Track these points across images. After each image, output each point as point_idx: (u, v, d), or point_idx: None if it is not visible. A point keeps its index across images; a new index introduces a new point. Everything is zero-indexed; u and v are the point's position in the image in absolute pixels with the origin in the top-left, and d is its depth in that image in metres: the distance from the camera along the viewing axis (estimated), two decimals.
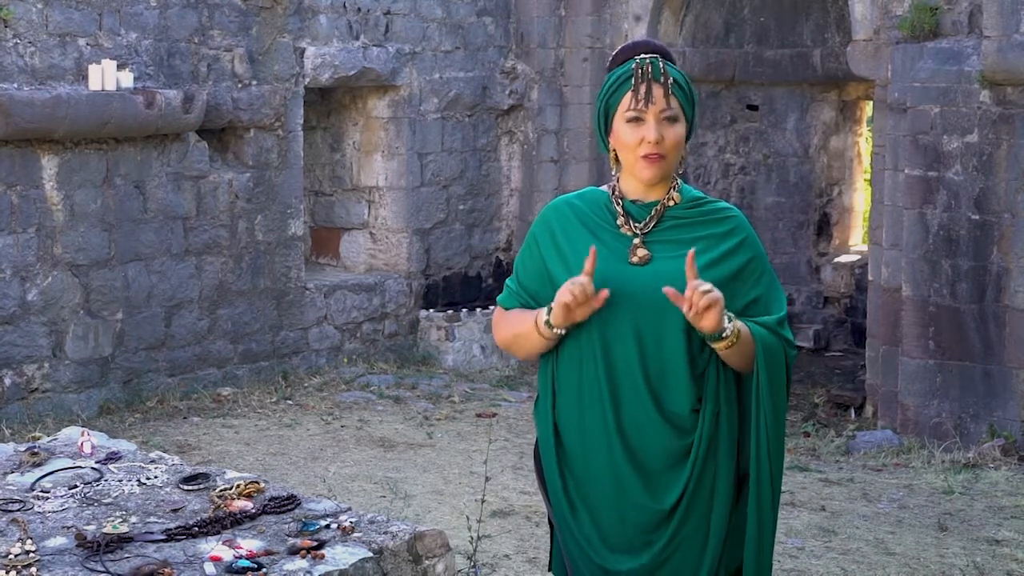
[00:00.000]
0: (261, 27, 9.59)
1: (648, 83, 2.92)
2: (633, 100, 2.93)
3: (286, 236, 9.89)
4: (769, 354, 2.92)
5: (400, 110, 10.69)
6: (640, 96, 2.92)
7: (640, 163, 2.95)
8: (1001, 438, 8.19)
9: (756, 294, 3.00)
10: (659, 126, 2.92)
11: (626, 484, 2.96)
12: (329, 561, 2.69)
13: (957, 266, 8.45)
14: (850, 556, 6.10)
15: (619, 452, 2.95)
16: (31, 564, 2.63)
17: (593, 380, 2.97)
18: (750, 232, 3.03)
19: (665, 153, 2.94)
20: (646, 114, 2.92)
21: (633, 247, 2.97)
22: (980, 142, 8.33)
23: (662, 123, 2.92)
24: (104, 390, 8.76)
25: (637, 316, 2.93)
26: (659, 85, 2.92)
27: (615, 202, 3.03)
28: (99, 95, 8.36)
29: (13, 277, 8.30)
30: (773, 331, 2.95)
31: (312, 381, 9.79)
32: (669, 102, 2.92)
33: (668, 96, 2.92)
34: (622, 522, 2.98)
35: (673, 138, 2.94)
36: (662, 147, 2.93)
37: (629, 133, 2.94)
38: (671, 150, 2.94)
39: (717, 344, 2.88)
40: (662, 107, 2.92)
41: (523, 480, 7.21)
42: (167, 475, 3.25)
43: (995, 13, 8.21)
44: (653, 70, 2.93)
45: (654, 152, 2.93)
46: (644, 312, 2.93)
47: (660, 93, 2.92)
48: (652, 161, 2.94)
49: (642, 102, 2.92)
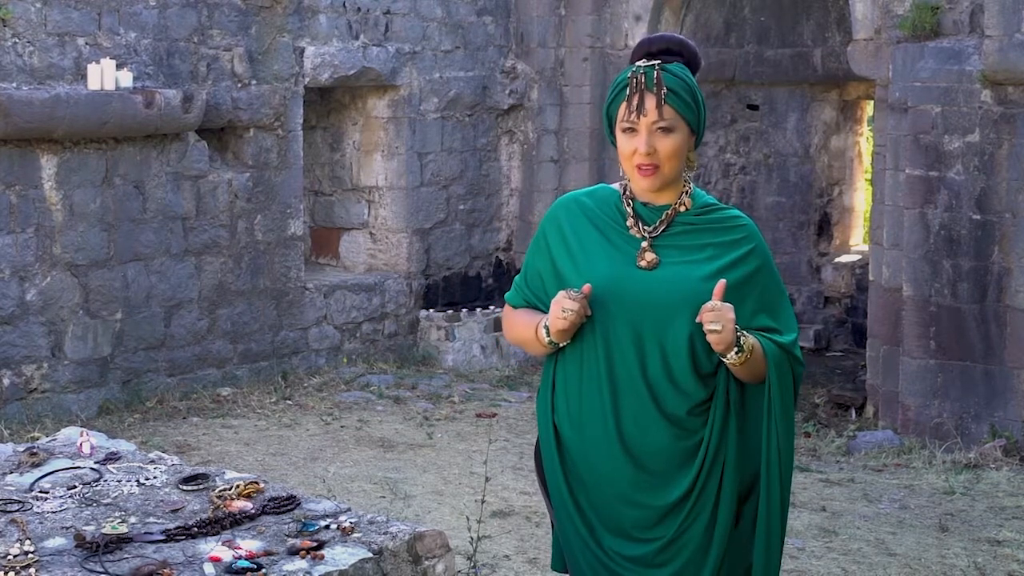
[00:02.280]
0: (261, 27, 9.58)
1: (641, 94, 2.90)
2: (626, 111, 2.92)
3: (286, 236, 9.88)
4: (780, 368, 2.94)
5: (400, 110, 10.68)
6: (632, 107, 2.91)
7: (635, 173, 2.95)
8: (1002, 438, 8.18)
9: (764, 303, 3.00)
10: (651, 137, 2.90)
11: (622, 481, 2.97)
12: (329, 561, 2.68)
13: (958, 266, 8.44)
14: (851, 556, 6.09)
15: (617, 450, 2.96)
16: (30, 565, 2.62)
17: (594, 380, 2.98)
18: (760, 242, 3.02)
19: (659, 163, 2.92)
20: (638, 125, 2.91)
21: (642, 251, 2.97)
22: (981, 142, 8.32)
23: (654, 134, 2.90)
24: (103, 390, 8.75)
25: (642, 319, 2.93)
26: (652, 95, 2.90)
27: (625, 203, 3.02)
28: (98, 95, 8.35)
29: (12, 277, 8.29)
30: (783, 348, 2.96)
31: (312, 381, 9.78)
32: (662, 113, 2.89)
33: (661, 107, 2.89)
34: (620, 516, 2.98)
35: (667, 149, 2.91)
36: (655, 158, 2.91)
37: (624, 143, 2.95)
38: (665, 160, 2.92)
39: (728, 361, 2.89)
40: (654, 118, 2.90)
41: (523, 480, 7.20)
42: (166, 475, 3.25)
43: (996, 12, 8.20)
44: (647, 80, 2.90)
45: (646, 163, 2.92)
46: (649, 315, 2.92)
47: (652, 104, 2.89)
48: (645, 173, 2.93)
49: (634, 113, 2.91)
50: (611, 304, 2.92)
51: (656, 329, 2.92)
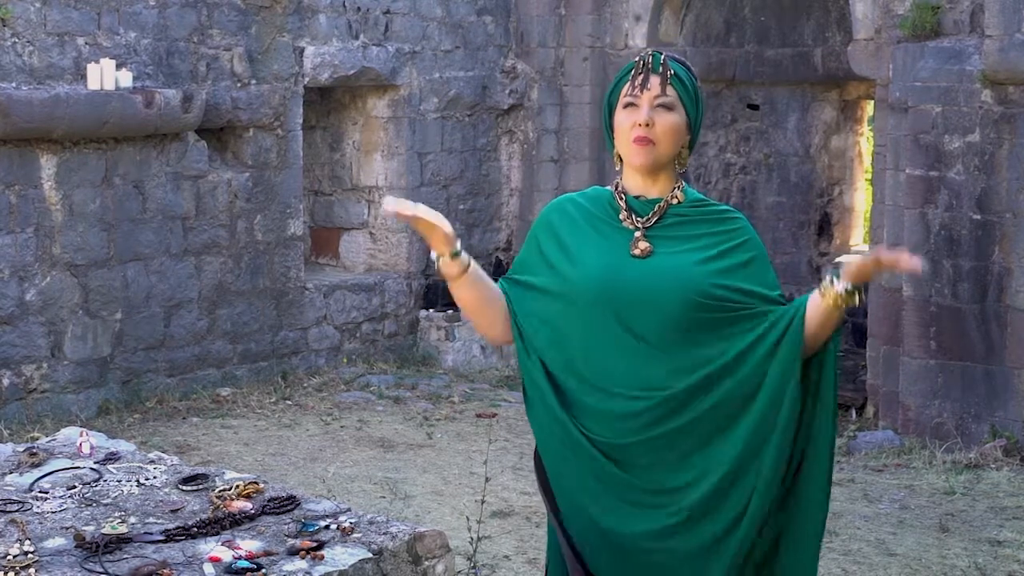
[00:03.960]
0: (260, 26, 9.58)
1: (646, 72, 2.96)
2: (630, 87, 2.96)
3: (285, 236, 9.88)
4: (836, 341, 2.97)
5: (400, 110, 10.68)
6: (636, 83, 2.95)
7: (631, 148, 2.96)
8: (1003, 438, 8.18)
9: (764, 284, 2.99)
10: (651, 111, 2.93)
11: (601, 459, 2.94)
12: (329, 562, 2.68)
13: (958, 266, 8.44)
14: (851, 557, 6.09)
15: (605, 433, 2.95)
16: (30, 565, 2.62)
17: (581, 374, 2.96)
18: (753, 235, 3.03)
19: (656, 140, 2.94)
20: (640, 99, 2.94)
21: (635, 240, 2.97)
22: (981, 142, 8.32)
23: (655, 109, 2.94)
24: (103, 390, 8.75)
25: (638, 306, 2.92)
26: (657, 75, 2.95)
27: (618, 197, 3.03)
28: (98, 95, 8.35)
29: (11, 277, 8.28)
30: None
31: (311, 381, 9.78)
32: (665, 90, 2.94)
33: (664, 84, 2.94)
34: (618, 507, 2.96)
35: (665, 125, 2.94)
36: (652, 132, 2.93)
37: (623, 118, 2.97)
38: (662, 137, 2.94)
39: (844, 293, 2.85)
40: (656, 93, 2.94)
41: (523, 480, 7.19)
42: (166, 475, 3.24)
43: (997, 12, 8.19)
44: (654, 61, 2.96)
45: (643, 135, 2.93)
46: (641, 303, 2.92)
47: (656, 81, 2.94)
48: (641, 144, 2.94)
49: (637, 88, 2.94)
50: (607, 293, 2.92)
51: (647, 316, 2.91)
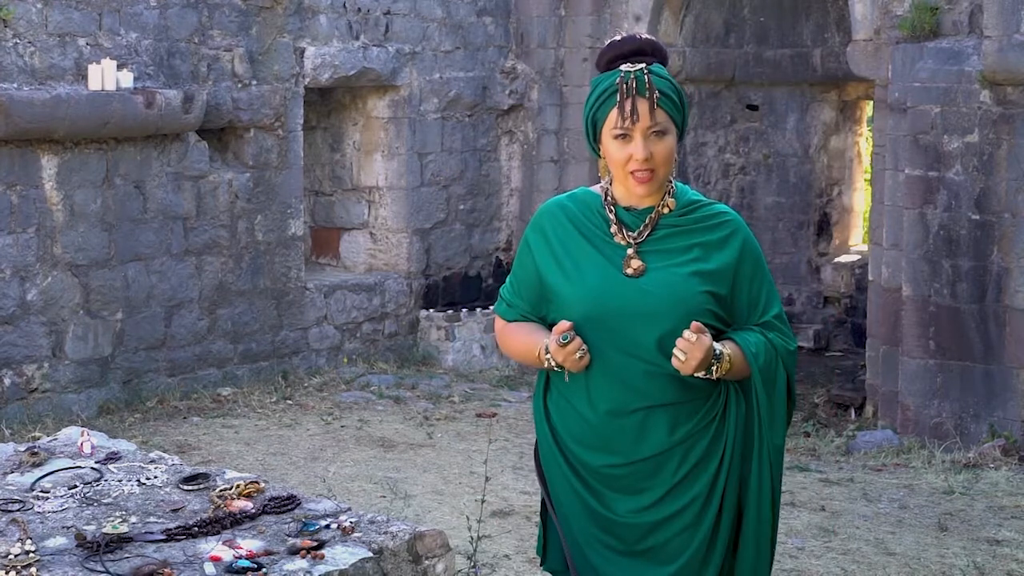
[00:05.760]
0: (261, 27, 9.59)
1: (633, 99, 2.88)
2: (619, 118, 2.89)
3: (286, 236, 9.89)
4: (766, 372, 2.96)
5: (400, 110, 10.68)
6: (626, 114, 2.88)
7: (630, 180, 2.94)
8: (1001, 438, 8.19)
9: (751, 294, 3.00)
10: (647, 142, 2.89)
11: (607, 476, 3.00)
12: (329, 561, 2.68)
13: (957, 266, 8.45)
14: (850, 556, 6.09)
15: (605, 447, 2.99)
16: (31, 564, 2.62)
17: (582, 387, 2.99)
18: (747, 235, 3.01)
19: (655, 168, 2.92)
20: (633, 131, 2.89)
21: (627, 259, 2.96)
22: (980, 142, 8.32)
23: (649, 138, 2.90)
24: (104, 390, 8.76)
25: (632, 326, 2.93)
26: (644, 100, 2.88)
27: (608, 208, 3.01)
28: (99, 95, 8.36)
29: (13, 277, 8.29)
30: (767, 339, 2.97)
31: (312, 381, 9.78)
32: (655, 116, 2.89)
33: (654, 111, 2.89)
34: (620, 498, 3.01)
35: (662, 152, 2.91)
36: (651, 163, 2.91)
37: (617, 150, 2.92)
38: (661, 165, 2.92)
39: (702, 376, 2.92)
40: (648, 123, 2.89)
41: (523, 480, 7.20)
42: (167, 475, 3.25)
43: (995, 13, 8.20)
44: (638, 85, 2.88)
45: (643, 169, 2.91)
46: (636, 322, 2.92)
47: (645, 108, 2.88)
48: (642, 179, 2.92)
49: (628, 120, 2.88)
50: (601, 314, 2.92)
51: (643, 334, 2.92)
